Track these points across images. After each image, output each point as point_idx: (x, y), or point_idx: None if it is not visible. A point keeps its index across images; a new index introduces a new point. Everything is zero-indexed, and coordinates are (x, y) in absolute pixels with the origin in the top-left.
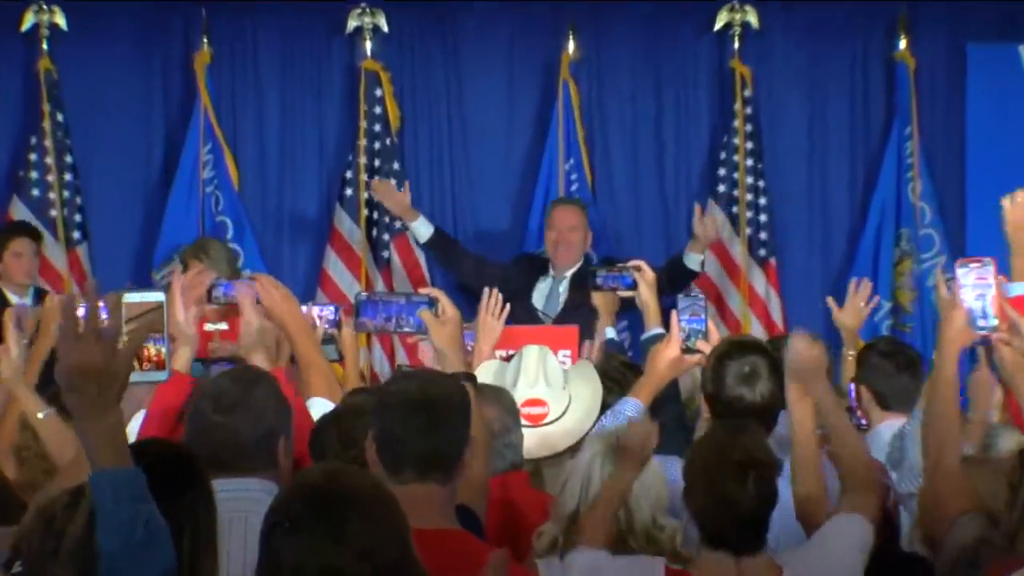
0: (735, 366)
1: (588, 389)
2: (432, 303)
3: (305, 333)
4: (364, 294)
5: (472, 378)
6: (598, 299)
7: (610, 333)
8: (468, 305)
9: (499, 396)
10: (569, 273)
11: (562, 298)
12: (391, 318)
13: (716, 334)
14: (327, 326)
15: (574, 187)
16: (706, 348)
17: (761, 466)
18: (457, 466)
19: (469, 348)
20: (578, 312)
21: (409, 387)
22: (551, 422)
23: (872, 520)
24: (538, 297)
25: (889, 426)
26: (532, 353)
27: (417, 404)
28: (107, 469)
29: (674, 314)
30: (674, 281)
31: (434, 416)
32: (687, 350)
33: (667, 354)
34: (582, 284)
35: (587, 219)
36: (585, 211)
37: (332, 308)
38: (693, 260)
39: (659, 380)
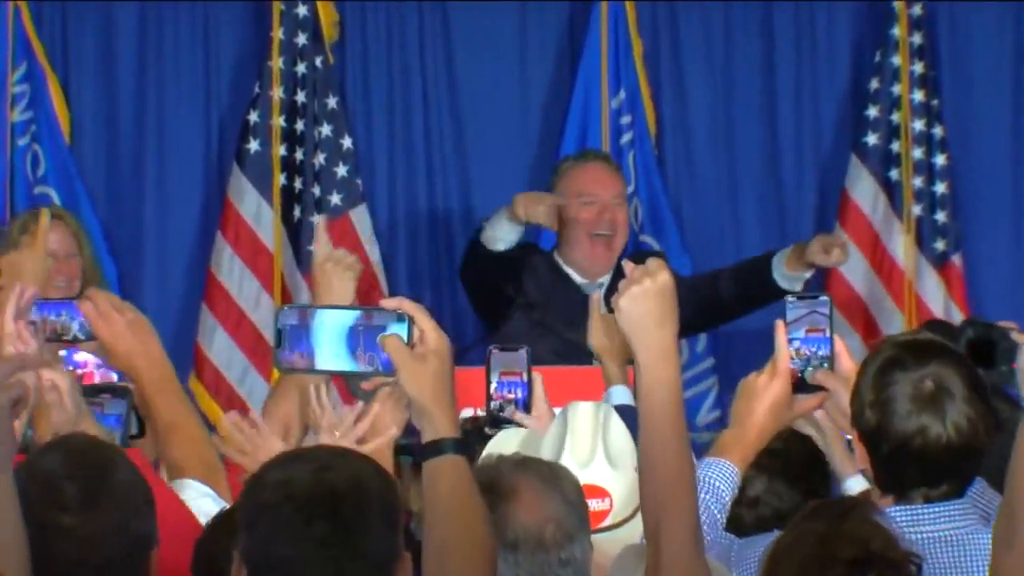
0: (909, 380)
1: None
2: (403, 323)
3: (165, 380)
4: (291, 310)
5: (464, 448)
6: (598, 337)
7: (622, 395)
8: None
9: (551, 478)
10: (604, 281)
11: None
12: (341, 351)
13: (848, 359)
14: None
15: (625, 137)
16: (832, 384)
17: (886, 565)
18: None
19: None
20: None
21: (297, 476)
22: (615, 526)
23: None
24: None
25: None
26: (585, 413)
27: (312, 503)
28: None
29: (779, 327)
30: (743, 300)
31: (341, 520)
32: (801, 386)
33: (770, 393)
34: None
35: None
36: (622, 175)
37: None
38: (786, 278)
39: (759, 433)
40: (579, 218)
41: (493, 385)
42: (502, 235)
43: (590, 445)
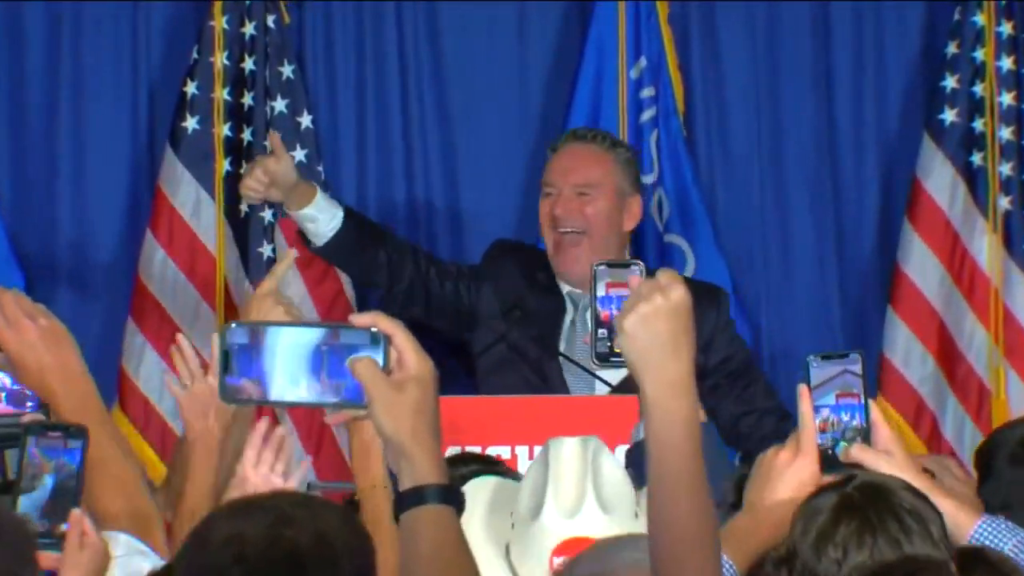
0: (829, 502)
1: None
2: (377, 344)
3: (86, 404)
4: (240, 327)
5: (451, 496)
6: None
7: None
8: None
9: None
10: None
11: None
12: (299, 377)
13: (886, 429)
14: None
15: (647, 114)
16: (871, 461)
17: None
18: None
19: None
20: None
21: (250, 531)
22: None
23: None
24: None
25: None
26: (570, 451)
27: (268, 565)
28: None
29: (803, 395)
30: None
31: None
32: (831, 464)
33: (793, 474)
34: None
35: (626, 173)
36: (621, 155)
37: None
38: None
39: (775, 523)
40: (540, 214)
41: (598, 303)
42: (303, 227)
43: (577, 489)
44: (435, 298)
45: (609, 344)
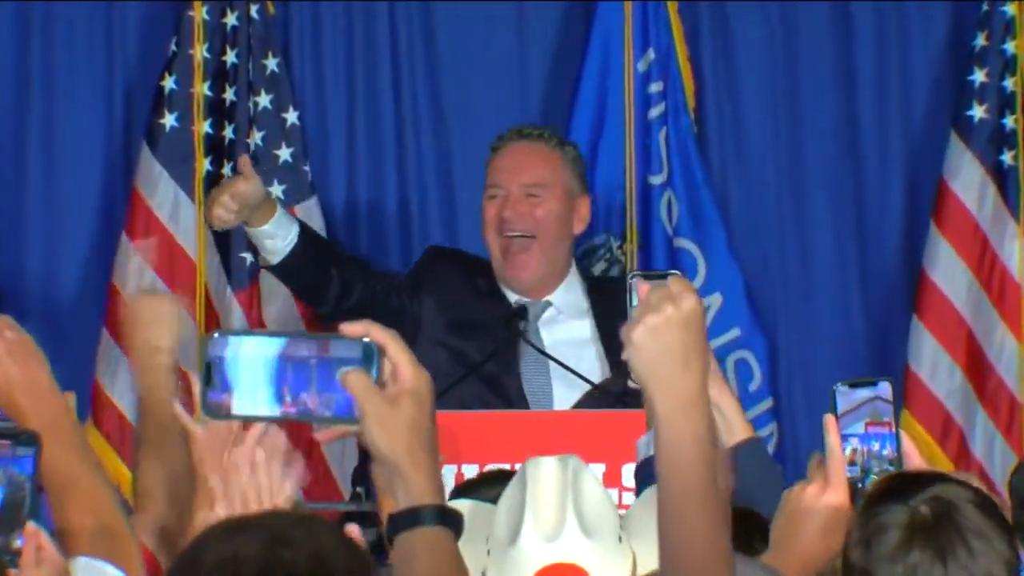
0: (897, 519)
1: None
2: (370, 355)
3: (56, 421)
4: (222, 337)
5: (449, 518)
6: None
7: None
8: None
9: None
10: (556, 298)
11: (559, 355)
12: (286, 391)
13: (918, 459)
14: None
15: (655, 111)
16: None
17: None
18: None
19: None
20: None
21: (244, 551)
22: None
23: None
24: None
25: None
26: (549, 472)
27: None
28: None
29: (830, 424)
30: None
31: None
32: (860, 496)
33: (822, 508)
34: (609, 325)
35: (575, 173)
36: (569, 154)
37: None
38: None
39: (806, 561)
40: (484, 218)
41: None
42: (260, 244)
43: (557, 512)
44: (381, 312)
45: None
